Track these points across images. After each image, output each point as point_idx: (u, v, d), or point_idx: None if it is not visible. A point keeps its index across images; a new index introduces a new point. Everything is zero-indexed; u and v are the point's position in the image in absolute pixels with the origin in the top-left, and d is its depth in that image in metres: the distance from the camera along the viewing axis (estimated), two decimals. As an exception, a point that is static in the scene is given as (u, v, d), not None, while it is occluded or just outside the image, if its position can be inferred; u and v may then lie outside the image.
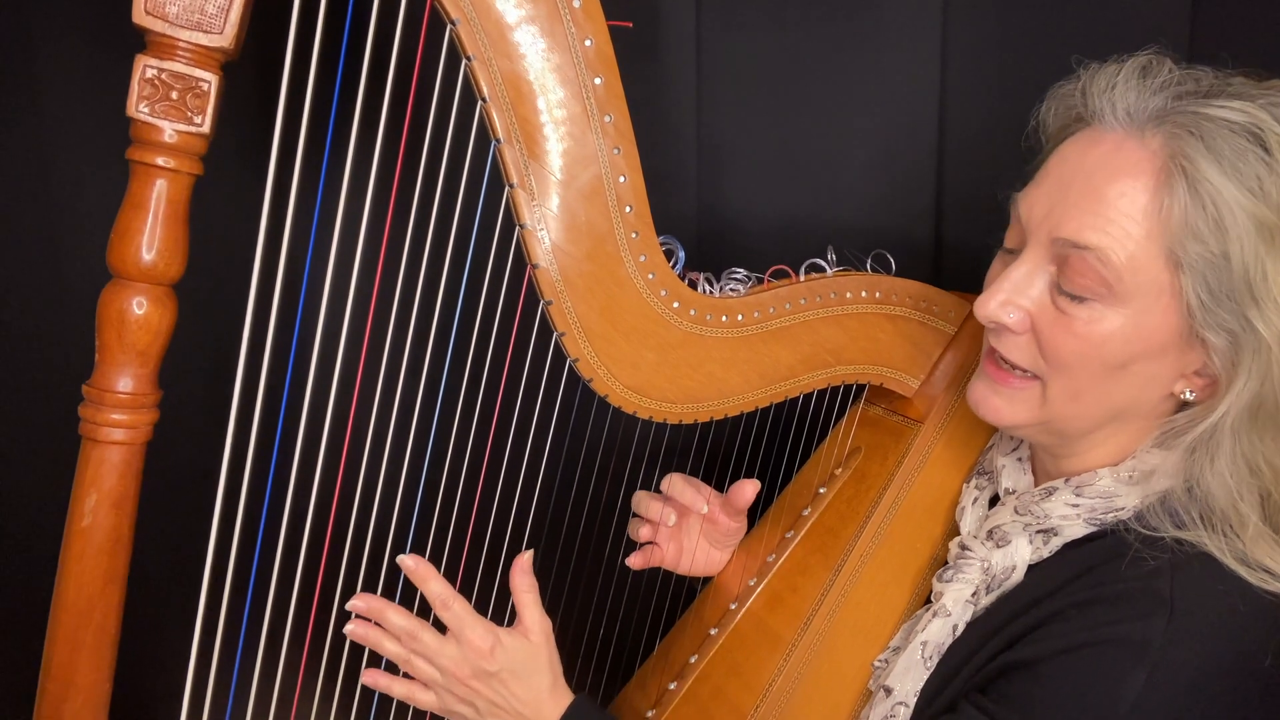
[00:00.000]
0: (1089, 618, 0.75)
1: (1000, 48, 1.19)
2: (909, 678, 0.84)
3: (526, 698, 0.86)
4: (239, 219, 0.80)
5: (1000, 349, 0.82)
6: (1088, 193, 0.76)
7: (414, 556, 0.85)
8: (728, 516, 1.03)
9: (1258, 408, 0.74)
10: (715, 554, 1.08)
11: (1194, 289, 0.73)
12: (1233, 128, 0.72)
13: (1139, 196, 0.74)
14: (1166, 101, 0.76)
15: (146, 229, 0.71)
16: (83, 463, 0.73)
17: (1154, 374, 0.78)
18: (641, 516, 1.04)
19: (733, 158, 1.20)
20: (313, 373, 0.77)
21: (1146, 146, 0.75)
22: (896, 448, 1.01)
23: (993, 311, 0.80)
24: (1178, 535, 0.75)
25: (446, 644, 0.85)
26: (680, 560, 1.06)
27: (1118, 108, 0.77)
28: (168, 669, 0.80)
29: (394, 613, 0.85)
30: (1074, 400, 0.80)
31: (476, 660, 0.84)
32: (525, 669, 0.86)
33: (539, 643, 0.88)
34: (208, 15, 0.69)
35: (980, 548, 0.86)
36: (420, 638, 0.85)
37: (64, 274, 1.02)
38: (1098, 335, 0.76)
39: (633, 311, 0.87)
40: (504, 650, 0.85)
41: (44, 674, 0.75)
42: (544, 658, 0.88)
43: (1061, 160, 0.80)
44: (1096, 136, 0.78)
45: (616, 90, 0.81)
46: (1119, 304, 0.75)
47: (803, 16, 1.16)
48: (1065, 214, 0.77)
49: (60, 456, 0.77)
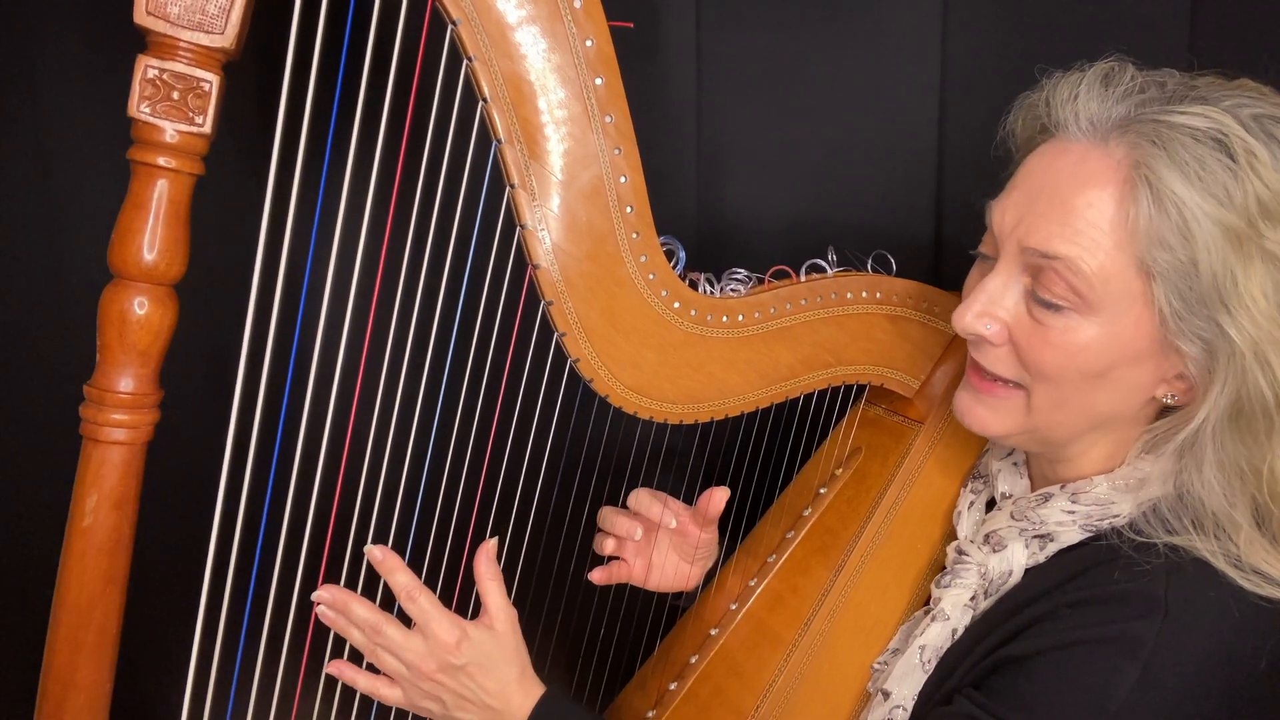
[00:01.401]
0: (1083, 616, 0.75)
1: (1000, 48, 1.19)
2: (907, 682, 0.85)
3: (494, 689, 0.86)
4: (240, 219, 0.80)
5: (983, 361, 0.83)
6: (1055, 204, 0.76)
7: (380, 547, 0.85)
8: (698, 527, 1.01)
9: (1237, 413, 0.74)
10: (685, 568, 1.06)
11: (1166, 297, 0.73)
12: (1196, 134, 0.72)
13: (1106, 207, 0.74)
14: (1130, 109, 0.76)
15: (148, 229, 0.71)
16: (84, 463, 0.73)
17: (1135, 380, 0.78)
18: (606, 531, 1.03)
19: (733, 158, 1.20)
20: (313, 372, 0.77)
21: (1111, 156, 0.75)
22: (897, 448, 1.01)
23: (969, 324, 0.81)
24: (1171, 541, 0.76)
25: (412, 638, 0.84)
26: (649, 576, 1.05)
27: (1081, 118, 0.77)
28: (168, 669, 0.80)
29: (358, 605, 0.85)
30: (1058, 408, 0.80)
31: (442, 654, 0.84)
32: (491, 660, 0.86)
33: (505, 631, 0.87)
34: (209, 15, 0.69)
35: (977, 552, 0.86)
36: (384, 631, 0.84)
37: (64, 274, 1.02)
38: (1074, 345, 0.76)
39: (633, 312, 0.87)
40: (470, 643, 0.84)
41: (45, 674, 0.75)
42: (510, 647, 0.87)
43: (1029, 172, 0.80)
44: (1062, 147, 0.78)
45: (617, 90, 0.81)
46: (1092, 313, 0.75)
47: (803, 16, 1.16)
48: (1034, 224, 0.77)
49: (61, 457, 0.77)
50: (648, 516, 1.01)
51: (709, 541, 1.05)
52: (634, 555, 1.04)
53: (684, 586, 1.07)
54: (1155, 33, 1.16)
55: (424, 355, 0.81)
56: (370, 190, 0.76)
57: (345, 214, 0.75)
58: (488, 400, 0.85)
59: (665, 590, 1.07)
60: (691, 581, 1.07)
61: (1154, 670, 0.71)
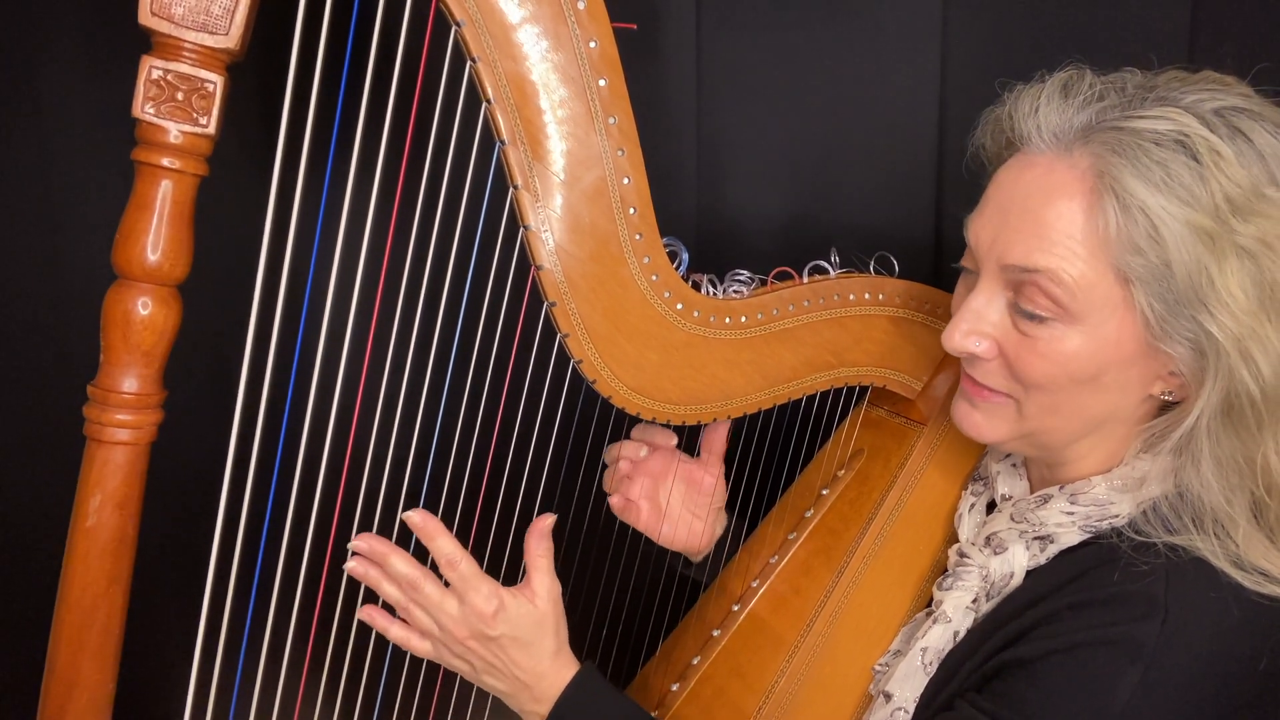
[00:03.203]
0: (1084, 619, 0.76)
1: (1000, 48, 1.19)
2: (909, 684, 0.85)
3: (526, 664, 0.85)
4: (244, 220, 0.80)
5: (975, 375, 0.83)
6: (1027, 217, 0.76)
7: (420, 511, 0.83)
8: (703, 468, 1.03)
9: (1228, 408, 0.74)
10: (696, 525, 1.06)
11: (1147, 300, 0.74)
12: (1158, 139, 0.72)
13: (1076, 217, 0.74)
14: (1090, 117, 0.76)
15: (151, 230, 0.71)
16: (87, 463, 0.73)
17: (1128, 381, 0.79)
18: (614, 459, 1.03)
19: (733, 158, 1.20)
20: (317, 373, 0.77)
21: (1076, 166, 0.75)
22: (899, 450, 1.01)
23: (959, 343, 0.81)
24: (1170, 541, 0.76)
25: (448, 598, 0.83)
26: (659, 524, 1.05)
27: (1043, 130, 0.78)
28: (171, 669, 0.80)
29: (399, 558, 0.83)
30: (1051, 414, 0.81)
31: (477, 623, 0.83)
32: (527, 635, 0.85)
33: (545, 609, 0.86)
34: (213, 16, 0.69)
35: (978, 555, 0.86)
36: (422, 588, 0.83)
37: (67, 274, 1.02)
38: (1062, 354, 0.77)
39: (636, 313, 0.87)
40: (506, 616, 0.83)
41: (48, 674, 0.75)
42: (549, 624, 0.86)
43: (999, 186, 0.81)
44: (1028, 160, 0.79)
45: (621, 92, 0.81)
46: (1076, 322, 0.76)
47: (803, 16, 1.17)
48: (1010, 240, 0.77)
49: (64, 457, 0.77)
50: (652, 441, 1.02)
51: (719, 492, 1.05)
52: (643, 497, 1.04)
53: (695, 544, 1.08)
54: (1155, 33, 1.16)
55: (427, 356, 0.81)
56: (373, 191, 0.76)
57: (349, 214, 0.75)
58: (490, 401, 0.86)
59: (677, 547, 1.07)
60: (703, 540, 1.07)
61: (1155, 672, 0.71)
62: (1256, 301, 0.72)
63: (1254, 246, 0.71)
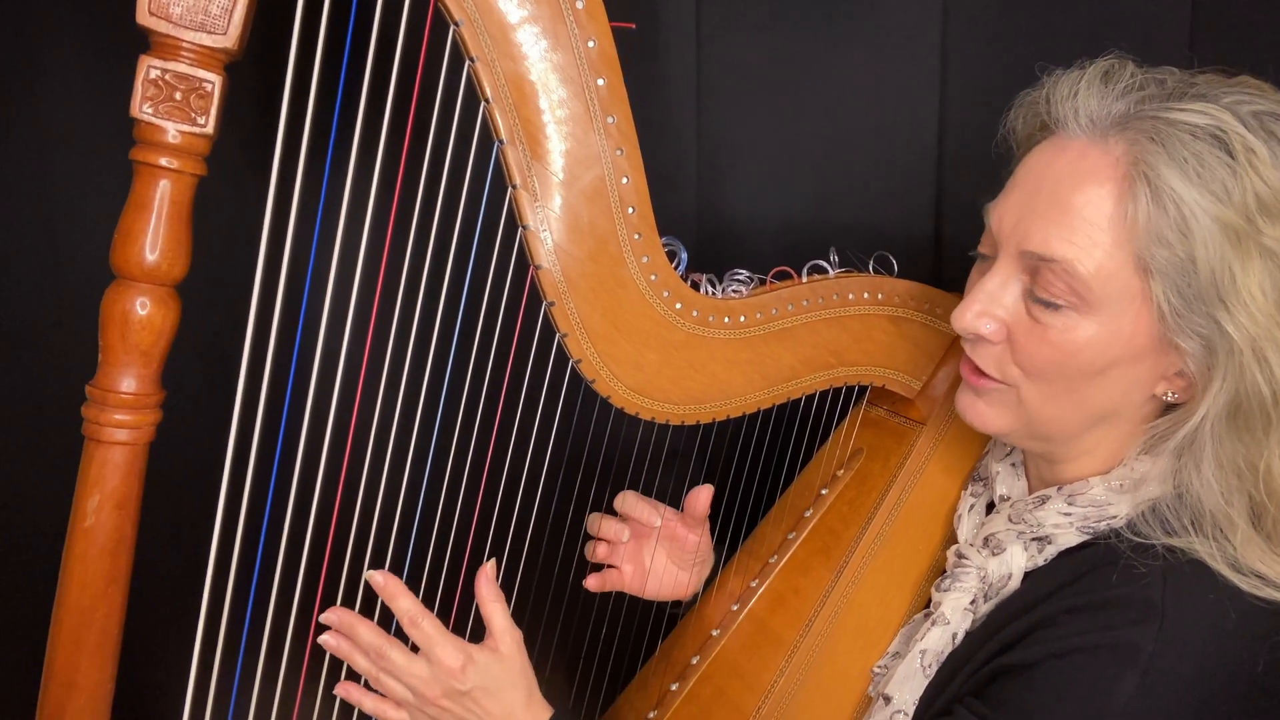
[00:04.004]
0: (1081, 623, 0.75)
1: (1000, 48, 1.19)
2: (908, 686, 0.85)
3: (499, 713, 0.85)
4: (242, 220, 0.80)
5: (975, 359, 0.83)
6: (1054, 203, 0.76)
7: (383, 573, 0.85)
8: (687, 528, 1.02)
9: (1235, 410, 0.74)
10: (681, 576, 1.06)
11: (1165, 294, 0.73)
12: (1195, 131, 0.72)
13: (1104, 204, 0.74)
14: (1129, 106, 0.76)
15: (150, 230, 0.71)
16: (86, 463, 0.73)
17: (1134, 378, 0.78)
18: (597, 537, 1.03)
19: (733, 158, 1.20)
20: (315, 373, 0.77)
21: (1110, 153, 0.75)
22: (899, 449, 1.01)
23: (969, 323, 0.81)
24: (1169, 543, 0.75)
25: (416, 662, 0.84)
26: (643, 583, 1.04)
27: (1080, 115, 0.77)
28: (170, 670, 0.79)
29: (364, 628, 0.84)
30: (1050, 403, 0.80)
31: (447, 679, 0.83)
32: (497, 684, 0.85)
33: (510, 654, 0.86)
34: (212, 16, 0.69)
35: (976, 555, 0.86)
36: (388, 655, 0.84)
37: (66, 274, 1.01)
38: (1072, 344, 0.77)
39: (635, 313, 0.87)
40: (475, 668, 0.84)
41: (46, 674, 0.75)
42: (516, 670, 0.87)
43: (1028, 169, 0.80)
44: (1061, 145, 0.78)
45: (619, 91, 0.81)
46: (1091, 312, 0.75)
47: (803, 17, 1.16)
48: (1032, 225, 0.77)
49: (63, 457, 0.77)
50: (635, 518, 1.01)
51: (704, 547, 1.05)
52: (626, 561, 1.04)
53: (681, 594, 1.07)
54: (1155, 33, 1.16)
55: (425, 355, 0.81)
56: (372, 191, 0.76)
57: (347, 214, 0.75)
58: (489, 401, 0.85)
59: (663, 599, 1.07)
60: (689, 589, 1.07)
61: (1153, 676, 0.71)
62: (1275, 304, 0.72)
63: (1278, 249, 0.71)
